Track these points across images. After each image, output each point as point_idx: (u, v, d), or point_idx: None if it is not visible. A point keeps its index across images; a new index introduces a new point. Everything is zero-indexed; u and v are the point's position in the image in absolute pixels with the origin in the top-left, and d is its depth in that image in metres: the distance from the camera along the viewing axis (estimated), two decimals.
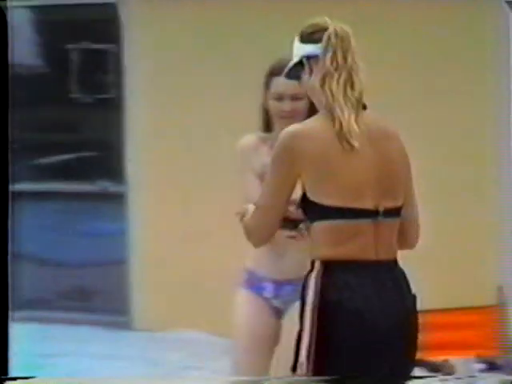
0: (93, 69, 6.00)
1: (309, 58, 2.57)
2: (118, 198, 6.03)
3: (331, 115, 2.50)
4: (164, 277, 5.79)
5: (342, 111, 2.50)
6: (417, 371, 3.29)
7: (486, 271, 5.45)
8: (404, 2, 5.64)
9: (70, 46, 5.97)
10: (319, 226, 2.52)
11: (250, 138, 3.42)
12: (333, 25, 2.56)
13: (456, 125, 5.95)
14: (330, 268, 2.53)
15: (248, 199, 2.91)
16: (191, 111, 5.63)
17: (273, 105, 3.33)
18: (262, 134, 3.36)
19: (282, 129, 2.97)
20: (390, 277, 2.58)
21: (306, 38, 2.65)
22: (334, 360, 2.54)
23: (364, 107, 2.56)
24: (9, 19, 5.74)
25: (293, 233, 3.02)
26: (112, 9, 5.72)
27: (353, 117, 2.50)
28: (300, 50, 2.58)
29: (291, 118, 3.34)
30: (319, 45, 2.53)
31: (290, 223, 2.93)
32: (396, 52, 5.51)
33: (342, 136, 2.48)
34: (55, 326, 5.98)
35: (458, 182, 5.72)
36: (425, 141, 5.98)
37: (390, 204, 2.55)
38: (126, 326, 5.91)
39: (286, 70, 2.68)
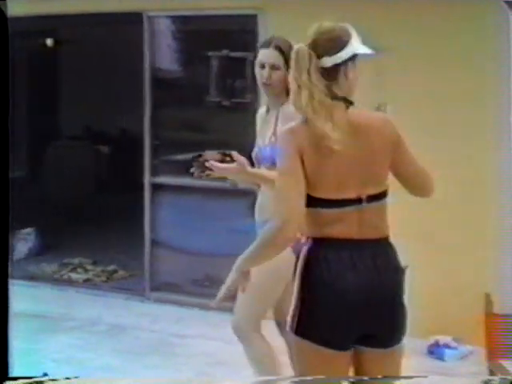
0: (230, 75, 6.31)
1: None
2: (248, 195, 6.33)
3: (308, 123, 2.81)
4: None
5: (315, 122, 2.78)
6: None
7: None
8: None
9: (210, 54, 6.32)
10: (309, 210, 2.83)
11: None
12: (298, 45, 2.87)
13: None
14: (316, 244, 2.87)
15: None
16: None
17: (257, 72, 3.77)
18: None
19: (268, 96, 3.53)
20: (371, 253, 2.86)
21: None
22: (311, 321, 2.86)
23: (350, 104, 2.85)
24: (146, 27, 6.14)
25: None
26: (250, 20, 6.04)
27: (328, 125, 2.77)
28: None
29: (270, 85, 3.74)
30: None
31: None
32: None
33: (321, 143, 2.78)
34: (187, 309, 6.33)
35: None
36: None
37: (372, 191, 2.86)
38: None
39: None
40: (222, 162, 3.53)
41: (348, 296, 2.82)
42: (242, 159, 3.52)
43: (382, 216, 2.91)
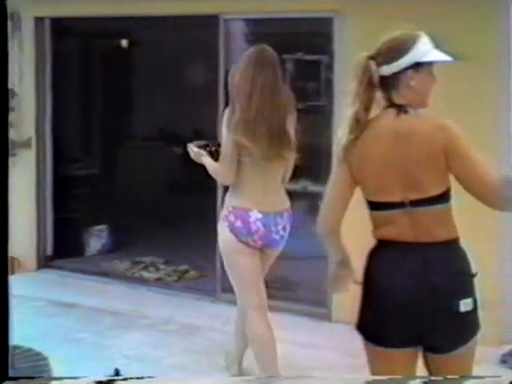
0: (305, 78, 6.31)
1: None
2: (316, 197, 6.33)
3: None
4: None
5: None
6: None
7: None
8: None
9: (284, 56, 6.33)
10: (369, 212, 3.08)
11: None
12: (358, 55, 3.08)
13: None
14: (376, 245, 3.09)
15: None
16: None
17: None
18: None
19: None
20: (424, 256, 2.94)
21: None
22: (364, 317, 3.06)
23: (403, 112, 2.95)
24: (221, 29, 6.19)
25: None
26: (326, 22, 6.03)
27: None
28: None
29: None
30: None
31: None
32: None
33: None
34: None
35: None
36: None
37: (415, 196, 2.95)
38: (325, 317, 6.17)
39: None
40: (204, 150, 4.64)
41: (394, 295, 2.94)
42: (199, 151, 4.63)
43: (437, 220, 2.97)
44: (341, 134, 3.04)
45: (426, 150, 2.93)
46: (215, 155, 4.55)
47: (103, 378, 3.01)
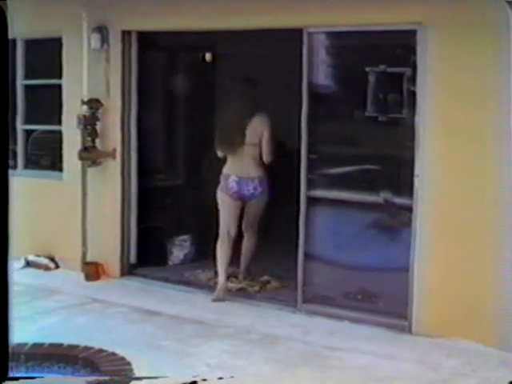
0: (387, 90, 6.31)
1: None
2: (398, 209, 6.29)
3: None
4: (443, 289, 6.01)
5: None
6: None
7: None
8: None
9: (367, 69, 6.35)
10: None
11: None
12: None
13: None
14: None
15: None
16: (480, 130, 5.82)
17: None
18: None
19: None
20: None
21: None
22: None
23: None
24: (306, 42, 6.25)
25: None
26: (409, 35, 6.03)
27: None
28: None
29: None
30: None
31: None
32: None
33: None
34: (338, 322, 6.36)
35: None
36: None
37: None
38: (405, 329, 6.13)
39: None
40: None
41: None
42: None
43: None
44: None
45: None
46: None
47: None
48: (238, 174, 7.25)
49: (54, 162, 8.63)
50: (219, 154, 7.48)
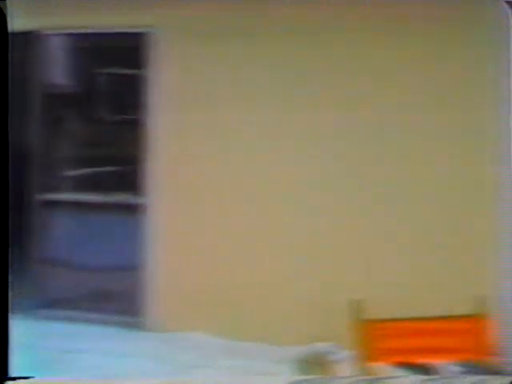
0: (120, 91, 6.35)
1: None
2: (137, 210, 6.34)
3: None
4: (175, 284, 6.11)
5: None
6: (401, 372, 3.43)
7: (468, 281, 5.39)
8: (402, 1, 5.63)
9: (99, 71, 6.36)
10: None
11: None
12: None
13: (455, 125, 5.80)
14: None
15: None
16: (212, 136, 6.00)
17: None
18: None
19: None
20: None
21: None
22: None
23: None
24: (44, 45, 6.14)
25: None
26: (141, 37, 6.13)
27: None
28: None
29: None
30: None
31: None
32: (393, 51, 5.62)
33: None
34: (74, 325, 6.21)
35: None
36: (421, 142, 5.89)
37: None
38: (139, 326, 6.20)
39: None
40: None
41: None
42: None
43: None
44: None
45: None
46: None
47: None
48: None
49: None
50: None
